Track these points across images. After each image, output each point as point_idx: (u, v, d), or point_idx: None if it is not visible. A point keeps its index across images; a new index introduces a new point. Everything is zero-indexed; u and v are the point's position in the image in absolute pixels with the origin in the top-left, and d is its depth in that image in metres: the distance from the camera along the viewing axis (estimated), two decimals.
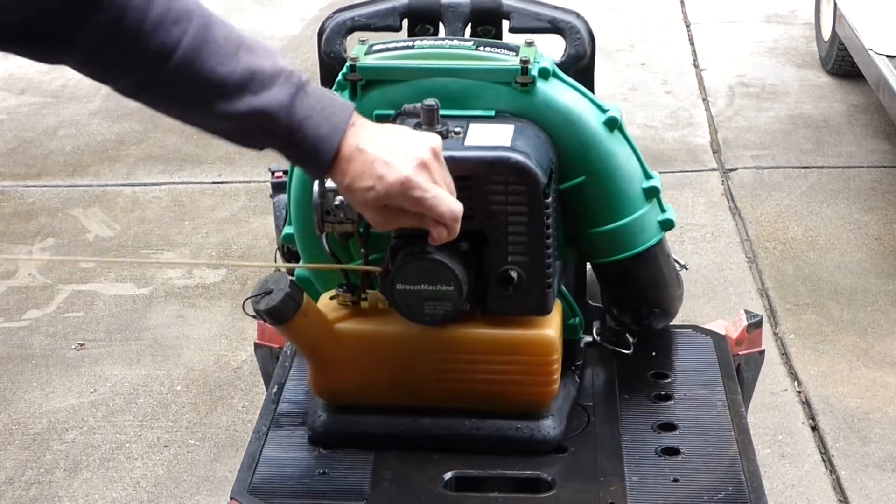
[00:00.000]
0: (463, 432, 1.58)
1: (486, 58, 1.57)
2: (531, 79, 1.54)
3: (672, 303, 1.79)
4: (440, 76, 1.56)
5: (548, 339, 1.54)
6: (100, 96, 5.73)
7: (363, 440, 1.59)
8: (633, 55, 6.08)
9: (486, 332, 1.54)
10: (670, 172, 4.81)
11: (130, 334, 3.84)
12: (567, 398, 1.65)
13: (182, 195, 4.78)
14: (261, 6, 6.74)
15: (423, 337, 1.53)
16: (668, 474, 1.54)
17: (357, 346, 1.56)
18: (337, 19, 1.72)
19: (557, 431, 1.59)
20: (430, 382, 1.57)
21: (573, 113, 1.57)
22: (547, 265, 1.51)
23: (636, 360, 1.79)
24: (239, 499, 1.51)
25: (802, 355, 3.63)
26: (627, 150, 1.62)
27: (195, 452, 3.28)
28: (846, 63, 5.42)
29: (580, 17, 1.71)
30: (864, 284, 4.00)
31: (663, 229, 1.68)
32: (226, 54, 1.32)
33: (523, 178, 1.46)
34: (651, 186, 1.64)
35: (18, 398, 3.54)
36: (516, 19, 1.71)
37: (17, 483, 3.18)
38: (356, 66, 1.56)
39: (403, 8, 1.72)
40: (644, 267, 1.68)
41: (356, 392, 1.59)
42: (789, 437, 3.29)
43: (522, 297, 1.52)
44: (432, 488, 1.52)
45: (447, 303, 1.48)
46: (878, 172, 4.79)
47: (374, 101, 1.56)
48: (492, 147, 1.47)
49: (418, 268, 1.47)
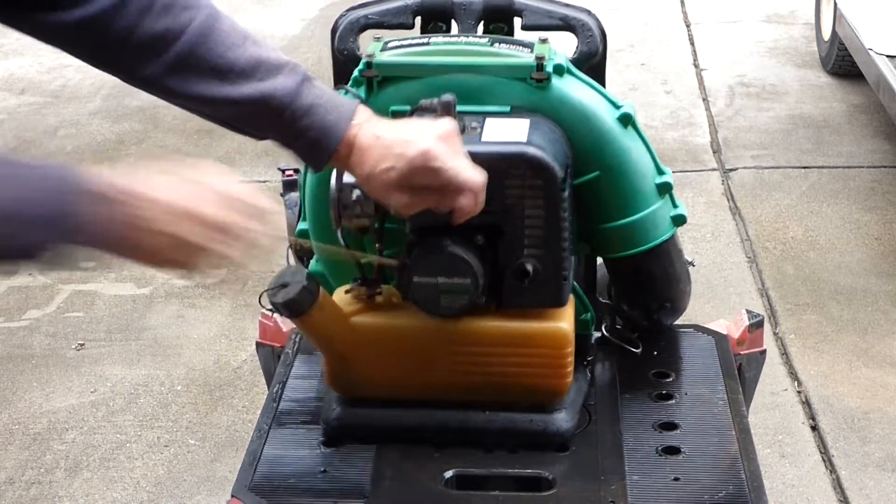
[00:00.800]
0: (477, 425, 1.58)
1: (502, 54, 1.58)
2: (546, 75, 1.55)
3: (682, 298, 1.80)
4: (456, 72, 1.57)
5: (562, 332, 1.55)
6: (100, 96, 5.73)
7: (377, 433, 1.59)
8: (633, 55, 6.08)
9: (501, 325, 1.55)
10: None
11: (130, 334, 3.85)
12: (579, 392, 1.66)
13: None
14: (261, 6, 6.74)
15: (439, 330, 1.54)
16: (669, 473, 1.54)
17: (373, 339, 1.57)
18: (350, 17, 1.74)
19: (571, 425, 1.60)
20: (445, 375, 1.57)
21: (588, 109, 1.58)
22: (563, 258, 1.52)
23: (638, 359, 1.79)
24: (240, 497, 1.51)
25: (802, 355, 3.63)
26: (641, 146, 1.63)
27: (195, 452, 3.28)
28: (846, 63, 5.43)
29: (592, 15, 1.72)
30: (864, 284, 4.00)
31: (675, 225, 1.69)
32: (233, 43, 1.35)
33: (540, 173, 1.47)
34: (664, 182, 1.65)
35: (18, 398, 3.54)
36: (528, 17, 1.72)
37: (17, 483, 3.18)
38: (372, 63, 1.57)
39: (416, 5, 1.74)
40: (656, 262, 1.70)
41: (371, 385, 1.60)
42: (789, 436, 3.29)
43: (538, 290, 1.53)
44: (433, 486, 1.52)
45: (463, 295, 1.49)
46: (878, 172, 4.79)
47: (389, 98, 1.57)
48: (509, 142, 1.48)
49: (435, 261, 1.48)
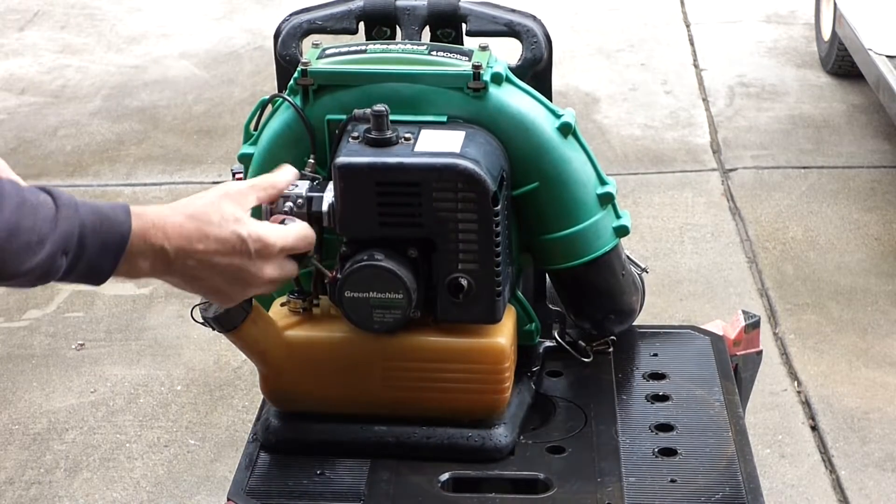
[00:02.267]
0: (414, 440, 1.57)
1: (438, 63, 1.55)
2: (483, 84, 1.53)
3: (629, 307, 1.77)
4: (392, 81, 1.54)
5: (499, 347, 1.53)
6: (100, 96, 5.74)
7: (314, 447, 1.58)
8: (633, 55, 6.07)
9: (437, 340, 1.53)
10: (670, 172, 4.81)
11: (130, 334, 3.85)
12: (521, 405, 1.63)
13: (182, 195, 4.70)
14: (261, 6, 6.74)
15: (374, 344, 1.52)
16: (666, 475, 1.54)
17: (307, 353, 1.55)
18: (293, 22, 1.70)
19: (509, 440, 1.57)
20: (382, 390, 1.56)
21: (526, 118, 1.55)
22: (497, 273, 1.49)
23: (633, 361, 1.79)
24: (236, 500, 1.51)
25: (802, 355, 3.63)
26: (582, 155, 1.60)
27: (195, 452, 3.29)
28: (846, 63, 5.42)
29: (537, 21, 1.69)
30: (864, 284, 4.00)
31: (618, 236, 1.65)
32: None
33: (472, 185, 1.44)
34: (605, 192, 1.62)
35: (18, 398, 3.55)
36: (473, 23, 1.69)
37: (17, 483, 3.18)
38: (308, 71, 1.55)
39: (360, 10, 1.69)
40: (599, 273, 1.66)
41: (307, 399, 1.58)
42: (789, 437, 3.29)
43: (472, 305, 1.50)
44: (430, 489, 1.52)
45: (396, 311, 1.47)
46: (878, 172, 4.79)
47: (325, 107, 1.55)
48: (441, 153, 1.46)
49: (367, 275, 1.45)
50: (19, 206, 1.20)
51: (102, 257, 1.27)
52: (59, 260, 1.23)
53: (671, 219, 4.44)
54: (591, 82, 5.71)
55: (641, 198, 4.59)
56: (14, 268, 1.20)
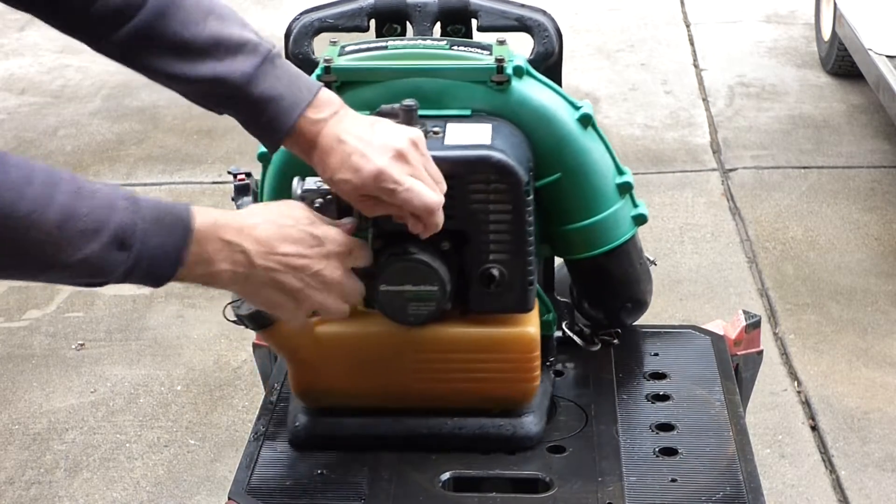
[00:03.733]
0: (445, 431, 1.58)
1: (461, 57, 1.56)
2: (507, 77, 1.54)
3: (643, 297, 1.78)
4: (415, 76, 1.55)
5: (529, 336, 1.54)
6: (100, 96, 5.74)
7: (345, 442, 1.59)
8: (633, 55, 6.08)
9: (468, 331, 1.54)
10: (670, 172, 4.81)
11: (130, 334, 3.85)
12: (545, 394, 1.65)
13: (182, 195, 4.78)
14: (261, 6, 6.74)
15: (405, 337, 1.53)
16: (666, 474, 1.54)
17: (339, 348, 1.55)
18: (304, 20, 1.71)
19: (539, 428, 1.59)
20: (413, 383, 1.57)
21: (548, 111, 1.57)
22: (528, 262, 1.51)
23: (634, 361, 1.79)
24: (237, 499, 1.51)
25: (802, 355, 3.63)
26: (601, 146, 1.62)
27: (195, 452, 3.29)
28: (846, 63, 5.43)
29: (547, 15, 1.70)
30: (864, 284, 4.00)
31: (636, 224, 1.68)
32: (192, 20, 1.34)
33: (505, 177, 1.46)
34: (624, 182, 1.65)
35: (18, 398, 3.55)
36: (484, 18, 1.70)
37: (17, 483, 3.18)
38: (331, 67, 1.55)
39: (371, 8, 1.71)
40: (618, 262, 1.69)
41: (338, 394, 1.59)
42: (789, 436, 3.29)
43: (504, 295, 1.52)
44: (431, 488, 1.52)
45: (431, 303, 1.48)
46: (878, 172, 4.79)
47: (349, 102, 1.53)
48: (472, 146, 1.47)
49: (402, 269, 1.46)
50: (77, 193, 1.20)
51: (164, 249, 1.25)
52: (114, 253, 1.21)
53: (671, 219, 4.45)
54: (591, 82, 5.72)
55: (641, 198, 4.57)
56: (68, 255, 1.19)
